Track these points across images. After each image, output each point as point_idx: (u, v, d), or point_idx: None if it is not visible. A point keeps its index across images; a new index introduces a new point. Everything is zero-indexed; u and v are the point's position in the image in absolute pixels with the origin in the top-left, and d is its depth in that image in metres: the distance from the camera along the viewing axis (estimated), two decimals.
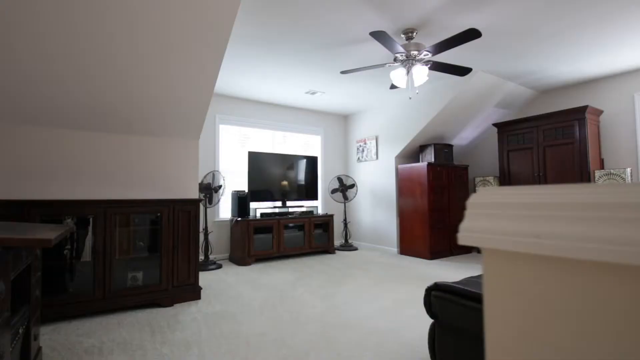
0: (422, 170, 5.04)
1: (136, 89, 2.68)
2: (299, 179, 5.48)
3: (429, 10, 2.85)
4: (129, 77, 2.57)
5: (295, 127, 5.90)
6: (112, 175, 2.99)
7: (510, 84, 4.83)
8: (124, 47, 2.34)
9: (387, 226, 5.60)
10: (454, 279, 3.73)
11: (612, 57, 3.99)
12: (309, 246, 5.19)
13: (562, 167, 4.58)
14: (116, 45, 2.31)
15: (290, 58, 3.80)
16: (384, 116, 5.71)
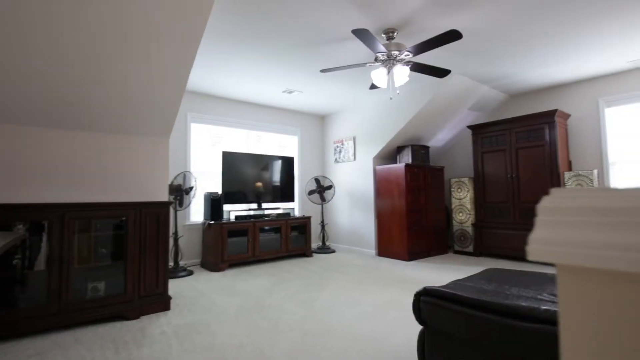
0: (400, 172, 5.03)
1: (102, 84, 2.45)
2: (275, 180, 5.32)
3: (410, 11, 2.81)
4: (90, 71, 2.33)
5: (271, 126, 5.74)
6: (72, 177, 2.72)
7: (484, 87, 4.92)
8: (93, 38, 2.11)
9: (365, 228, 5.55)
10: (434, 280, 3.71)
11: (579, 64, 4.14)
12: (285, 249, 5.04)
13: (533, 168, 4.71)
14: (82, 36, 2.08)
15: (268, 56, 3.65)
16: (362, 117, 5.67)
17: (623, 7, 2.85)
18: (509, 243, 4.88)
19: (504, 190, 5.00)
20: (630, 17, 3.03)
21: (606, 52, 3.79)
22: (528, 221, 4.73)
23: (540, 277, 1.84)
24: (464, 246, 5.38)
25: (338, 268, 4.41)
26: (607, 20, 3.08)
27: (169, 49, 2.38)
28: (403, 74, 3.06)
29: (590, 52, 3.80)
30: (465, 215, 5.38)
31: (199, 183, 4.82)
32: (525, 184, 4.79)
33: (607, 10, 2.89)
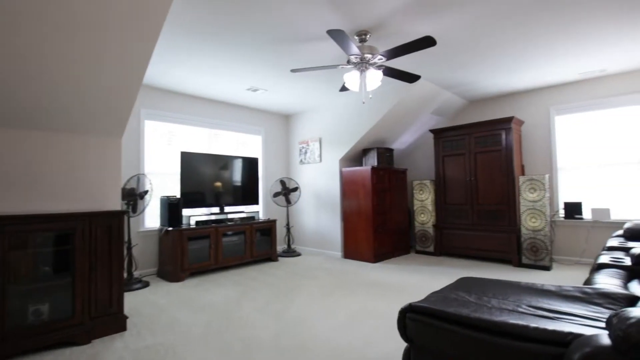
0: (366, 174, 5.04)
1: (47, 74, 2.12)
2: (239, 182, 5.09)
3: (384, 14, 2.77)
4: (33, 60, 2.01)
5: (234, 125, 5.48)
6: (9, 183, 2.35)
7: (446, 92, 5.07)
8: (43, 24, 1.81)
9: (331, 230, 5.51)
10: (403, 283, 3.75)
11: (534, 74, 4.40)
12: (250, 255, 4.84)
13: (491, 172, 4.95)
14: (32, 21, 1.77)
15: (233, 52, 3.44)
16: (328, 118, 5.61)
17: (574, 25, 3.05)
18: (468, 243, 5.09)
19: (463, 192, 5.21)
20: (581, 34, 3.25)
21: (559, 64, 4.05)
22: (485, 222, 4.96)
23: (514, 287, 1.88)
24: (425, 246, 5.54)
25: (306, 273, 4.32)
26: (561, 35, 3.28)
27: (125, 40, 2.13)
28: (376, 78, 3.02)
29: (545, 64, 4.04)
30: (427, 217, 5.54)
31: (155, 186, 4.46)
32: (483, 187, 5.02)
33: (562, 26, 3.08)
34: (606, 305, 1.53)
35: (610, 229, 4.53)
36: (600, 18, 2.95)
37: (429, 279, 3.95)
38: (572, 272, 4.22)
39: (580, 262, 4.71)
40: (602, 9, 2.80)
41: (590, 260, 4.65)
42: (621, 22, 3.04)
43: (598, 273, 2.17)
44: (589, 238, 4.68)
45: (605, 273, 2.14)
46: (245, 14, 2.73)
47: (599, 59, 3.94)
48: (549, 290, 1.78)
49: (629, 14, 2.91)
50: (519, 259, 4.62)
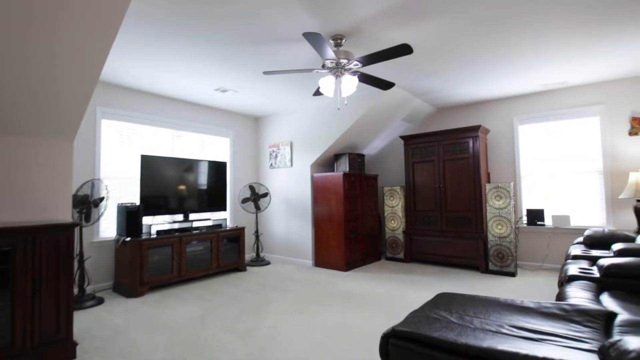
0: (338, 180, 4.96)
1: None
2: (205, 187, 4.83)
3: (361, 19, 2.69)
4: None
5: (201, 127, 5.20)
6: None
7: (416, 100, 5.11)
8: None
9: (301, 237, 5.37)
10: (376, 294, 3.69)
11: (500, 84, 4.53)
12: (216, 265, 4.59)
13: (459, 179, 5.04)
14: None
15: (201, 51, 3.22)
16: (300, 122, 5.47)
17: (538, 39, 3.16)
18: (437, 249, 5.15)
19: (432, 199, 5.27)
20: (544, 48, 3.38)
21: (523, 75, 4.19)
22: (453, 229, 5.04)
23: (494, 305, 1.85)
24: (395, 253, 5.55)
25: (276, 284, 4.15)
26: (525, 48, 3.39)
27: (80, 35, 1.88)
28: (352, 84, 2.94)
29: (510, 75, 4.17)
30: (397, 223, 5.55)
31: (112, 192, 4.11)
32: (451, 194, 5.10)
33: (526, 40, 3.18)
34: (585, 324, 1.53)
35: (570, 235, 4.75)
36: (562, 33, 3.06)
37: (402, 288, 3.92)
38: (536, 278, 4.37)
39: (543, 267, 4.91)
40: (564, 25, 2.91)
41: (552, 265, 4.85)
42: (581, 38, 3.17)
43: (569, 285, 2.21)
44: (551, 244, 4.88)
45: (576, 285, 2.18)
46: (214, 12, 2.54)
47: (561, 72, 4.11)
48: (528, 307, 1.76)
49: (588, 31, 3.04)
50: (486, 265, 4.73)
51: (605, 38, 3.20)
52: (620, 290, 2.12)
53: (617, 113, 4.49)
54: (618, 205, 4.46)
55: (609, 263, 2.22)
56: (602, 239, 3.81)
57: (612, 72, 4.17)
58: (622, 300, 1.95)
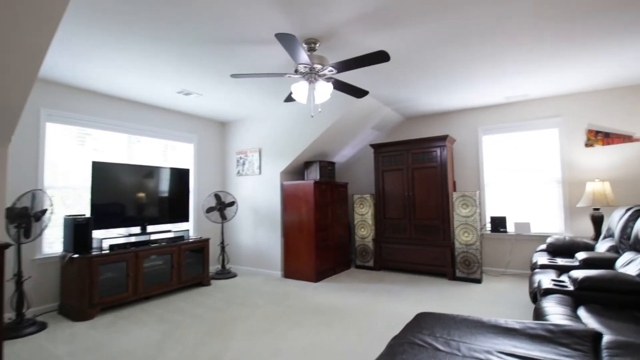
0: (309, 188, 4.81)
1: None
2: (165, 196, 4.48)
3: (336, 24, 2.58)
4: None
5: (162, 132, 4.84)
6: None
7: (386, 108, 5.10)
8: None
9: (270, 248, 5.15)
10: (350, 307, 3.56)
11: (465, 95, 4.61)
12: (178, 281, 4.26)
13: (427, 188, 5.07)
14: None
15: (164, 49, 2.96)
16: (270, 128, 5.27)
17: (501, 53, 3.24)
18: (406, 257, 5.14)
19: (401, 207, 5.27)
20: (508, 62, 3.47)
21: (489, 87, 4.29)
22: (422, 237, 5.06)
23: (478, 327, 1.78)
24: (365, 261, 5.48)
25: (243, 299, 3.91)
26: (491, 62, 3.46)
27: (15, 24, 1.60)
28: (326, 90, 2.81)
29: (476, 86, 4.25)
30: (367, 231, 5.49)
31: (60, 204, 3.68)
32: (420, 202, 5.12)
33: (491, 55, 3.26)
34: (574, 347, 1.48)
35: (531, 241, 4.92)
36: (524, 48, 3.14)
37: (374, 300, 3.82)
38: (501, 284, 4.46)
39: (506, 272, 5.04)
40: (525, 41, 2.98)
41: (514, 271, 5.00)
42: (539, 54, 3.28)
43: (545, 300, 2.20)
44: (513, 250, 5.03)
45: (552, 300, 2.18)
46: (178, 9, 2.32)
47: (523, 85, 4.26)
48: (513, 328, 1.71)
49: (545, 48, 3.15)
50: (453, 272, 4.77)
51: (561, 56, 3.34)
52: (595, 303, 2.14)
53: (574, 125, 4.73)
54: (575, 213, 4.68)
55: (582, 276, 2.24)
56: (563, 246, 3.96)
57: (570, 86, 4.38)
58: (600, 316, 1.95)
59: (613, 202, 4.12)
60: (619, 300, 2.13)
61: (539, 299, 2.29)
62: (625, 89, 4.44)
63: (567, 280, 2.47)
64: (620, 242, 3.06)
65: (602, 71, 3.83)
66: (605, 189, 4.20)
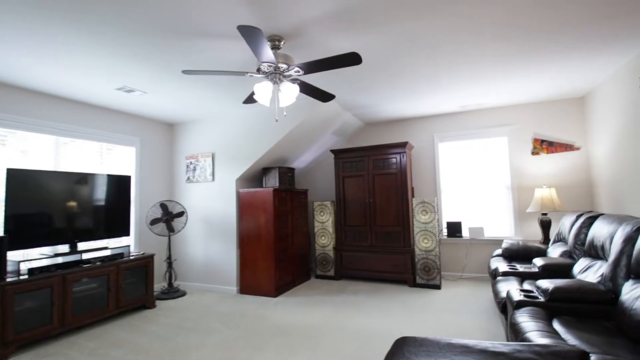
0: (268, 196, 4.51)
1: None
2: (101, 208, 3.91)
3: (303, 21, 2.36)
4: None
5: (97, 133, 4.24)
6: None
7: (347, 113, 4.97)
8: None
9: (224, 261, 4.74)
10: (313, 324, 3.31)
11: (424, 103, 4.64)
12: (116, 305, 3.70)
13: (387, 194, 5.03)
14: None
15: (99, 39, 2.51)
16: (225, 131, 4.87)
17: (458, 65, 3.27)
18: (367, 265, 5.04)
19: (362, 214, 5.17)
20: (467, 73, 3.53)
21: (446, 96, 4.35)
22: (383, 244, 4.99)
23: (465, 352, 1.64)
24: (326, 270, 5.30)
25: (195, 323, 3.49)
26: (444, 73, 3.50)
27: None
28: (292, 93, 2.57)
29: (435, 95, 4.29)
30: (327, 239, 5.32)
31: None
32: (380, 209, 5.06)
33: (445, 67, 3.29)
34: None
35: (485, 245, 5.07)
36: (478, 60, 3.19)
37: (338, 315, 3.63)
38: (459, 289, 4.52)
39: (462, 277, 5.15)
40: (478, 54, 3.03)
41: (470, 274, 5.12)
42: (495, 65, 3.35)
43: (519, 314, 2.15)
44: (468, 254, 5.15)
45: (525, 313, 2.13)
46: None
47: (477, 95, 4.37)
48: (501, 352, 1.59)
49: (500, 59, 3.22)
50: (414, 279, 4.75)
51: (511, 68, 3.47)
52: (567, 315, 2.13)
53: (522, 134, 4.96)
54: (524, 218, 4.90)
55: (552, 287, 2.23)
56: (518, 251, 4.09)
57: (519, 97, 4.58)
58: (575, 329, 1.93)
59: (560, 208, 4.36)
60: (587, 310, 2.14)
61: (512, 312, 2.25)
62: (567, 101, 4.75)
63: (535, 290, 2.46)
64: (574, 248, 3.18)
65: (548, 84, 4.04)
66: (552, 194, 4.43)
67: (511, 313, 2.26)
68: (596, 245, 2.74)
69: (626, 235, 2.18)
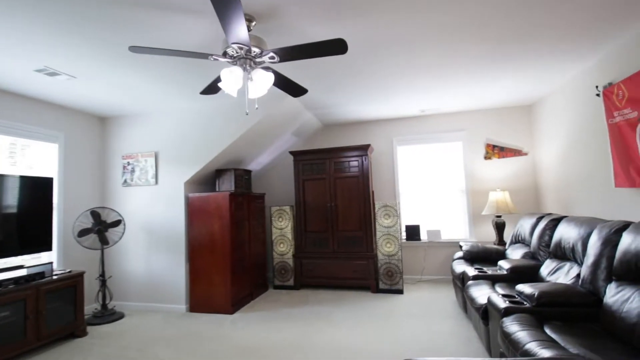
0: (224, 201, 4.05)
1: None
2: (13, 217, 3.15)
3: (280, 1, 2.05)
4: None
5: (9, 126, 3.44)
6: None
7: (308, 113, 4.72)
8: None
9: (171, 275, 4.16)
10: (277, 345, 2.96)
11: (385, 105, 4.59)
12: (36, 337, 2.97)
13: (349, 198, 4.86)
14: None
15: (16, 8, 1.94)
16: (171, 127, 4.30)
17: (419, 68, 3.26)
18: (329, 272, 4.81)
19: (324, 219, 4.93)
20: (423, 77, 3.54)
21: (404, 100, 4.34)
22: (345, 250, 4.80)
23: None
24: (285, 280, 4.95)
25: (139, 352, 2.93)
26: (404, 79, 3.49)
27: None
28: (265, 82, 2.23)
29: (396, 97, 4.24)
30: (286, 246, 4.98)
31: None
32: (342, 213, 4.87)
33: (408, 68, 3.21)
34: None
35: (442, 248, 5.14)
36: (436, 64, 3.21)
37: (305, 330, 3.32)
38: (422, 293, 4.49)
39: (422, 279, 5.15)
40: (439, 61, 3.10)
41: (429, 277, 5.14)
42: (449, 70, 3.38)
43: (510, 323, 2.05)
44: (426, 257, 5.18)
45: (516, 322, 2.04)
46: None
47: (436, 99, 4.41)
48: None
49: (456, 65, 3.26)
50: (377, 284, 4.63)
51: (464, 77, 3.57)
52: (554, 320, 2.08)
53: (475, 139, 5.13)
54: (478, 220, 5.06)
55: (538, 292, 2.18)
56: (479, 253, 4.15)
57: (473, 103, 4.72)
58: (569, 335, 1.87)
59: (513, 210, 4.54)
60: (572, 314, 2.11)
61: (500, 320, 2.15)
62: (516, 108, 5.01)
63: (517, 295, 2.41)
64: (539, 249, 3.25)
65: (500, 92, 4.20)
66: (506, 198, 4.60)
67: (499, 322, 2.16)
68: (564, 246, 2.79)
69: (604, 238, 2.21)
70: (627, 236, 1.99)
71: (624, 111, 2.83)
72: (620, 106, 2.88)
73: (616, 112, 2.94)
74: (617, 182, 3.02)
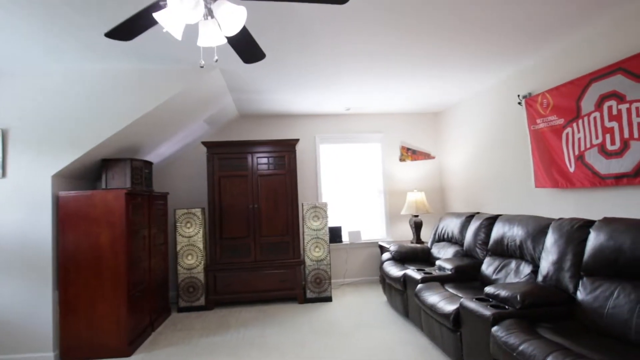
0: (116, 202, 2.96)
1: None
2: None
3: None
4: None
5: None
6: None
7: (229, 97, 3.97)
8: None
9: (28, 310, 2.80)
10: None
11: (312, 99, 4.29)
12: None
13: (275, 199, 4.31)
14: None
15: None
16: (34, 96, 2.89)
17: (345, 65, 3.18)
18: (250, 286, 4.14)
19: (245, 223, 4.24)
20: (347, 74, 3.43)
21: (333, 93, 4.08)
22: (269, 258, 4.22)
23: None
24: (193, 299, 4.04)
25: None
26: (331, 79, 3.46)
27: None
28: (235, 21, 1.51)
29: (325, 91, 3.96)
30: (196, 258, 4.09)
31: None
32: (267, 216, 4.28)
33: (338, 74, 3.17)
34: None
35: (362, 248, 5.05)
36: (360, 64, 3.16)
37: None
38: (349, 298, 4.30)
39: (345, 282, 4.95)
40: (367, 64, 3.14)
41: (351, 279, 4.98)
42: (373, 70, 3.36)
43: (504, 332, 1.88)
44: (348, 259, 5.01)
45: (510, 329, 1.88)
46: None
47: (361, 98, 4.32)
48: None
49: (378, 73, 3.35)
50: (304, 293, 4.19)
51: (385, 78, 3.59)
52: (540, 321, 2.01)
53: (392, 141, 5.23)
54: (395, 220, 5.14)
55: (520, 293, 2.09)
56: (407, 253, 4.13)
57: (392, 106, 4.81)
58: (567, 336, 1.79)
59: (430, 210, 4.73)
60: (552, 313, 2.09)
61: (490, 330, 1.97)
62: (426, 115, 5.31)
63: (490, 298, 2.30)
64: (475, 247, 3.34)
65: (410, 98, 4.38)
66: (423, 198, 4.76)
67: (486, 331, 1.99)
68: (508, 244, 2.88)
69: (567, 236, 2.27)
70: (599, 233, 2.05)
71: (549, 118, 3.10)
72: (545, 114, 3.15)
73: (539, 119, 3.21)
74: (537, 183, 3.30)
